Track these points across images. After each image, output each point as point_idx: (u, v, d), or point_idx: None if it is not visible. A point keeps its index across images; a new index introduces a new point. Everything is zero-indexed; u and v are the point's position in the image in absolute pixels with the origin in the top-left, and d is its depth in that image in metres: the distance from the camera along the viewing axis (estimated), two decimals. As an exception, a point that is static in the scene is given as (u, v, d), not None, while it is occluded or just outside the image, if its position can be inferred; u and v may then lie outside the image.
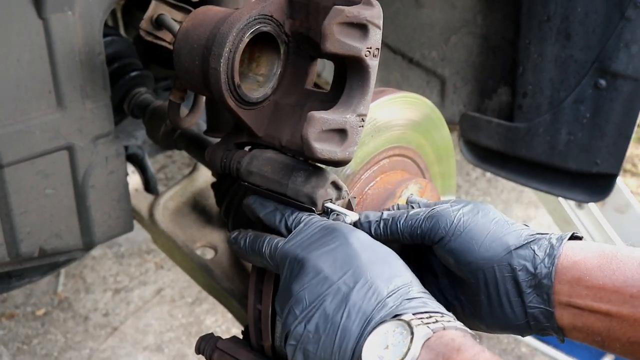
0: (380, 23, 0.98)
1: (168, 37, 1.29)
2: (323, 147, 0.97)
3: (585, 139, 1.86)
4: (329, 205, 1.04)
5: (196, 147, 1.51)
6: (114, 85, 1.53)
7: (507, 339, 2.74)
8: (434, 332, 0.76)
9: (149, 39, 1.26)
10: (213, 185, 1.81)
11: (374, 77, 1.00)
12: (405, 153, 1.34)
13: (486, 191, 3.77)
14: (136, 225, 1.57)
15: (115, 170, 1.42)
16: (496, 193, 3.74)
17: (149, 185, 1.89)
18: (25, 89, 1.21)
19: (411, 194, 1.27)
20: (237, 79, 1.00)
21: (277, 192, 1.05)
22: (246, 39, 0.99)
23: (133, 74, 1.61)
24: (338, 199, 1.07)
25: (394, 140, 1.29)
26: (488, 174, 3.85)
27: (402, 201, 1.26)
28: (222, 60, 0.97)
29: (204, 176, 1.83)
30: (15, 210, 1.27)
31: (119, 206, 1.45)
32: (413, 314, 0.79)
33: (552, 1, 1.77)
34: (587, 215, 2.38)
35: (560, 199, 2.39)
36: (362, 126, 1.01)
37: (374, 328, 0.79)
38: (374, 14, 0.96)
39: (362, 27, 0.96)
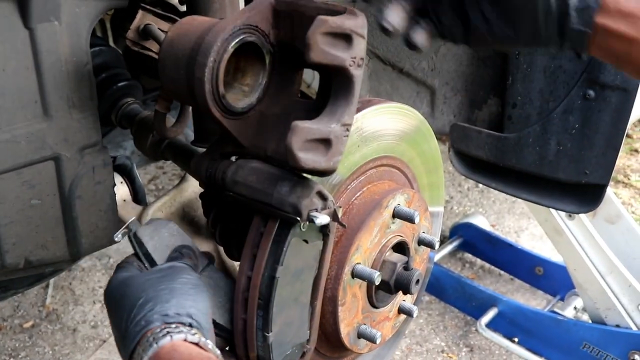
0: (365, 33, 0.98)
1: (155, 47, 1.29)
2: (307, 157, 0.96)
3: (575, 150, 1.86)
4: (314, 214, 1.04)
5: (184, 158, 1.50)
6: (102, 95, 1.52)
7: (498, 351, 2.73)
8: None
9: (136, 48, 1.26)
10: (201, 195, 1.80)
11: (359, 86, 1.00)
12: (393, 163, 1.34)
13: (478, 202, 3.77)
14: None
15: (102, 180, 1.41)
16: (488, 204, 3.74)
17: (137, 196, 1.87)
18: (10, 99, 1.20)
19: (398, 204, 1.27)
20: (221, 89, 1.00)
21: (263, 201, 1.05)
22: (231, 49, 0.99)
23: (121, 84, 1.60)
24: (324, 208, 1.06)
25: (382, 150, 1.29)
26: (480, 185, 3.85)
27: (388, 212, 1.26)
28: (206, 70, 0.97)
29: (193, 187, 1.82)
30: (1, 220, 1.25)
31: (106, 217, 1.44)
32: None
33: (541, 12, 1.78)
34: (577, 226, 2.38)
35: (551, 209, 2.38)
36: (347, 136, 1.01)
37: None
38: (358, 24, 0.96)
39: (346, 37, 0.96)
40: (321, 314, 1.18)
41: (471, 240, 3.17)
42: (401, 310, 1.38)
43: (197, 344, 0.91)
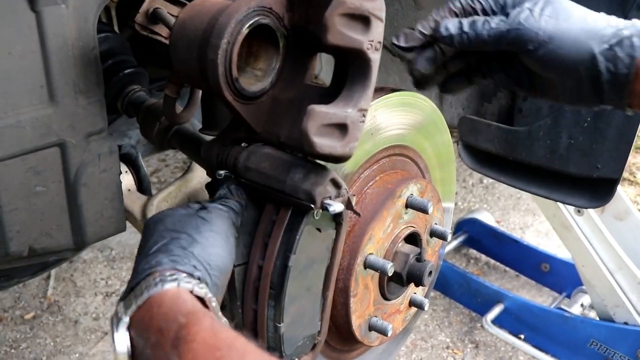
0: (383, 16, 0.95)
1: (164, 31, 1.26)
2: (323, 142, 0.94)
3: (586, 143, 1.84)
4: (327, 202, 1.01)
5: (191, 145, 1.47)
6: (107, 82, 1.49)
7: (504, 347, 2.71)
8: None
9: (145, 33, 1.23)
10: (207, 185, 1.77)
11: (376, 71, 0.97)
12: (405, 153, 1.31)
13: (483, 198, 3.74)
14: (128, 228, 1.54)
15: (108, 168, 1.39)
16: (493, 200, 3.72)
17: (142, 186, 1.85)
18: (16, 83, 1.18)
19: (411, 194, 1.25)
20: (235, 72, 0.97)
21: (275, 188, 1.02)
22: (245, 31, 0.96)
23: (127, 71, 1.58)
24: (337, 196, 1.04)
25: (394, 139, 1.27)
26: (485, 181, 3.82)
27: (401, 202, 1.23)
28: (219, 52, 0.94)
29: (198, 177, 1.80)
30: (5, 207, 1.23)
31: (111, 205, 1.41)
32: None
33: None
34: (586, 222, 2.35)
35: (559, 204, 2.36)
36: (363, 121, 0.98)
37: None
38: (376, 6, 0.94)
39: (364, 20, 0.93)
40: (332, 305, 1.15)
41: (476, 236, 3.14)
42: (412, 303, 1.36)
43: (201, 299, 0.86)
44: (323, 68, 2.19)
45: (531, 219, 3.56)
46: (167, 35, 1.27)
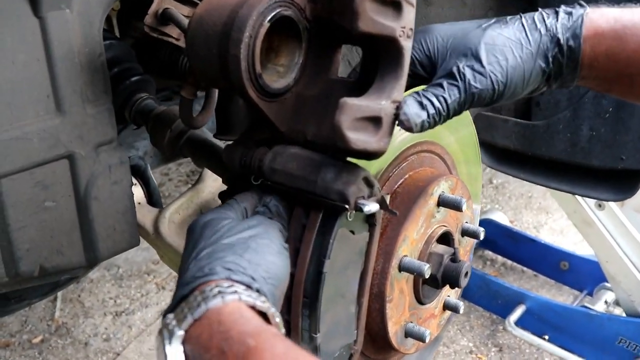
0: (414, 0, 0.89)
1: (175, 32, 1.20)
2: (357, 137, 0.87)
3: (609, 134, 1.79)
4: (361, 202, 0.94)
5: (204, 153, 1.41)
6: (114, 91, 1.43)
7: (529, 349, 2.64)
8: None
9: (154, 35, 1.17)
10: (221, 194, 1.71)
11: (408, 59, 0.91)
12: (432, 149, 1.25)
13: (494, 198, 3.68)
14: (135, 244, 1.47)
15: (119, 180, 1.34)
16: (504, 200, 3.66)
17: (152, 198, 1.79)
18: (21, 93, 1.13)
19: (443, 191, 1.18)
20: (258, 67, 0.91)
21: (305, 190, 0.95)
22: (267, 23, 0.90)
23: (134, 78, 1.52)
24: (370, 196, 0.97)
25: (421, 135, 1.20)
26: (495, 181, 3.76)
27: (433, 200, 1.17)
28: (242, 46, 0.88)
29: (210, 187, 1.76)
30: (13, 225, 1.17)
31: (124, 219, 1.36)
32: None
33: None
34: (608, 216, 2.29)
35: (579, 200, 2.30)
36: (397, 114, 0.92)
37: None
38: (408, -10, 0.87)
39: (395, 5, 0.87)
40: (367, 312, 1.08)
41: (491, 237, 3.07)
42: (447, 306, 1.29)
43: (264, 315, 0.78)
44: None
45: (544, 217, 3.50)
46: (178, 36, 1.21)
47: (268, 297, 0.81)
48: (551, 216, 3.43)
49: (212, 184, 1.73)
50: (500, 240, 3.05)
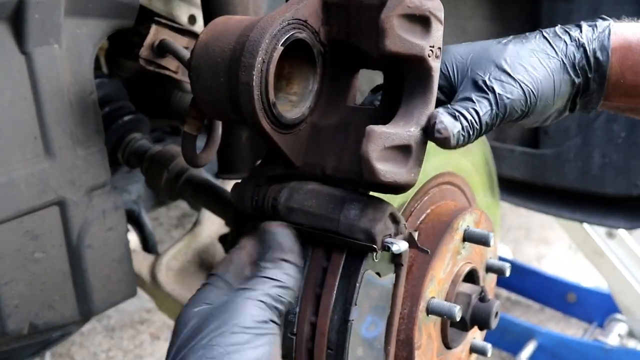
0: (442, 17, 0.82)
1: (172, 65, 1.12)
2: (387, 169, 0.79)
3: (622, 161, 1.74)
4: (389, 241, 0.85)
5: (205, 194, 1.33)
6: (106, 131, 1.36)
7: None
8: None
9: (151, 68, 1.09)
10: (222, 238, 1.62)
11: (437, 81, 0.83)
12: (453, 180, 1.17)
13: (492, 231, 3.61)
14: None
15: (114, 226, 1.26)
16: (503, 232, 3.58)
17: (148, 244, 1.70)
18: (6, 135, 1.06)
19: (468, 225, 1.10)
20: (272, 95, 0.82)
21: (327, 229, 0.86)
22: (281, 47, 0.82)
23: (127, 118, 1.45)
24: (397, 234, 0.88)
25: (442, 166, 1.12)
26: (492, 213, 3.69)
27: (459, 235, 1.08)
28: (254, 72, 0.79)
29: (208, 230, 1.68)
30: (0, 279, 1.06)
31: (120, 267, 1.28)
32: None
33: (574, 15, 1.66)
34: (619, 245, 2.22)
35: (588, 229, 2.22)
36: (426, 142, 0.84)
37: None
38: (436, 6, 0.80)
39: (424, 21, 0.79)
40: (395, 361, 0.99)
41: (494, 270, 2.98)
42: (473, 349, 1.19)
43: None
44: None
45: (545, 248, 3.43)
46: (176, 68, 1.13)
47: None
48: (552, 247, 3.36)
49: (210, 227, 1.65)
50: (504, 274, 2.97)
